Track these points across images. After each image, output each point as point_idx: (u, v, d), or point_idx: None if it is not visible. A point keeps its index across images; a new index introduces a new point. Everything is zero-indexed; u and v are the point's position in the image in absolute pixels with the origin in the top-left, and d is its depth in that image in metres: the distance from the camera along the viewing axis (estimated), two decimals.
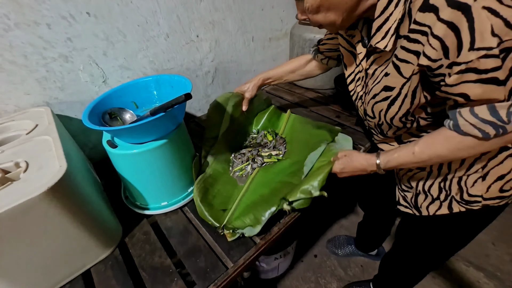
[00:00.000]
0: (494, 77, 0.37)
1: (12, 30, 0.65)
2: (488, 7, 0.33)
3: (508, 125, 0.40)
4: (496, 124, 0.41)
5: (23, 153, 0.55)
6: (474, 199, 0.55)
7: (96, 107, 0.61)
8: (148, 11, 0.83)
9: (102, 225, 0.58)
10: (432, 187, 0.60)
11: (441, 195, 0.59)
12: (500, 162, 0.51)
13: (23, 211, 0.43)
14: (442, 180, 0.58)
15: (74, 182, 0.51)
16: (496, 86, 0.37)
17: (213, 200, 0.68)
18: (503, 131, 0.41)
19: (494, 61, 0.35)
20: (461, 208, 0.57)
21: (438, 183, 0.59)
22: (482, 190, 0.54)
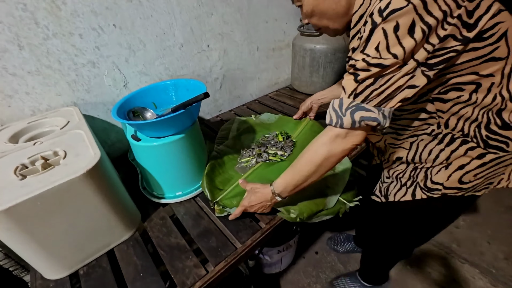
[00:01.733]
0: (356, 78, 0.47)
1: (50, 39, 0.75)
2: (384, 29, 0.42)
3: (345, 117, 0.50)
4: (338, 113, 0.51)
5: (60, 143, 0.63)
6: (436, 187, 0.60)
7: (122, 106, 0.70)
8: (166, 24, 0.94)
9: (125, 208, 0.66)
10: (404, 175, 0.67)
11: (408, 182, 0.66)
12: (462, 155, 0.56)
13: (66, 189, 0.51)
14: (413, 168, 0.64)
15: (105, 169, 0.59)
16: (353, 83, 0.48)
17: (216, 177, 0.79)
18: (341, 122, 0.50)
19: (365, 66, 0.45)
20: (423, 195, 0.63)
21: (409, 171, 0.65)
22: (444, 178, 0.59)
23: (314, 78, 1.30)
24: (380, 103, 0.48)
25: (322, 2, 0.53)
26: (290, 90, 1.45)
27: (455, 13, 0.41)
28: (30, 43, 0.72)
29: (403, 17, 0.41)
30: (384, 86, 0.46)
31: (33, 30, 0.71)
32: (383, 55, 0.43)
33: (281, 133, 0.97)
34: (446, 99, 0.52)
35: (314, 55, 1.23)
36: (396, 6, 0.41)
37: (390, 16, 0.41)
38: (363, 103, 0.48)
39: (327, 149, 0.55)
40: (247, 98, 1.38)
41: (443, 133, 0.57)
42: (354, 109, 0.49)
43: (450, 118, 0.54)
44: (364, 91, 0.47)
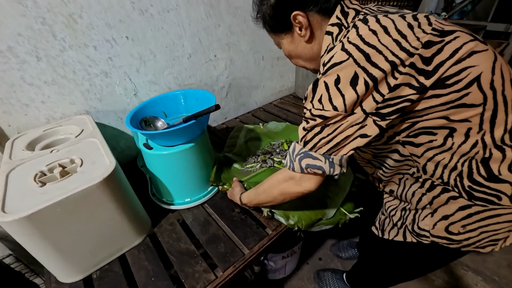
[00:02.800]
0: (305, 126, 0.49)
1: (66, 51, 0.78)
2: (325, 82, 0.44)
3: (295, 162, 0.52)
4: (291, 157, 0.53)
5: (76, 151, 0.66)
6: (423, 233, 0.57)
7: (135, 115, 0.73)
8: (175, 35, 0.97)
9: (137, 214, 0.68)
10: (395, 214, 0.65)
11: (398, 222, 0.64)
12: (444, 203, 0.52)
13: (83, 196, 0.54)
14: (403, 208, 0.63)
15: (120, 177, 0.62)
16: (302, 131, 0.50)
17: (221, 174, 0.86)
18: (292, 166, 0.53)
19: (310, 116, 0.47)
20: (413, 238, 0.60)
21: (400, 211, 0.63)
22: (429, 226, 0.55)
23: None
24: (329, 151, 0.48)
25: (295, 48, 0.56)
26: (294, 98, 1.47)
27: (407, 62, 0.40)
28: (47, 55, 0.76)
29: (343, 70, 0.42)
30: (331, 135, 0.47)
31: (50, 42, 0.75)
32: (325, 106, 0.45)
33: (286, 141, 1.00)
34: (417, 143, 0.49)
35: None
36: (337, 60, 0.42)
37: (330, 70, 0.43)
38: (312, 150, 0.50)
39: (281, 188, 0.59)
40: (252, 105, 1.41)
41: (423, 178, 0.54)
42: (302, 156, 0.51)
43: (427, 163, 0.51)
44: (313, 139, 0.49)
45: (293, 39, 0.55)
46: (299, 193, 0.56)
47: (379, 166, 0.61)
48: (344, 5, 0.49)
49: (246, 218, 0.73)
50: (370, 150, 0.59)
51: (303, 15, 0.49)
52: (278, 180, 0.59)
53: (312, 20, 0.50)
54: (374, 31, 0.42)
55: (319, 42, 0.53)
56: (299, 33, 0.52)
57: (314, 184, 0.54)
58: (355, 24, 0.44)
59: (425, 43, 0.40)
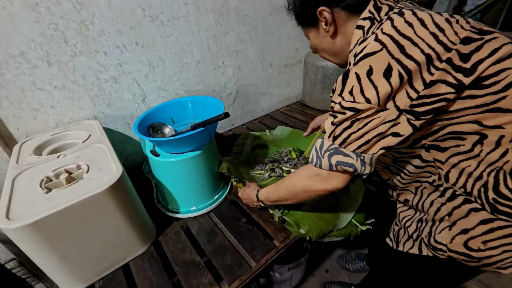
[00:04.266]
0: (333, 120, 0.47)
1: (77, 56, 0.79)
2: (357, 73, 0.42)
3: (323, 159, 0.49)
4: (318, 153, 0.51)
5: (83, 157, 0.65)
6: (440, 247, 0.54)
7: (143, 121, 0.73)
8: (185, 42, 0.98)
9: (142, 222, 0.67)
10: (411, 225, 0.62)
11: (414, 234, 0.61)
12: (464, 215, 0.49)
13: (89, 204, 0.53)
14: (419, 219, 0.59)
15: (126, 183, 0.61)
16: (330, 125, 0.48)
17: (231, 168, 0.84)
18: (319, 163, 0.50)
19: (340, 109, 0.45)
20: (429, 252, 0.57)
21: (416, 222, 0.60)
22: (447, 240, 0.52)
23: (325, 94, 1.32)
24: (360, 148, 0.46)
25: (320, 43, 0.57)
26: (301, 106, 1.46)
27: (444, 57, 0.38)
28: (58, 60, 0.76)
29: (376, 61, 0.40)
30: (362, 130, 0.44)
31: (62, 48, 0.76)
32: (356, 98, 0.42)
33: (294, 149, 0.98)
34: (443, 147, 0.47)
35: (326, 72, 1.25)
36: (369, 50, 0.41)
37: (362, 61, 0.41)
38: (341, 146, 0.47)
39: (306, 185, 0.56)
40: (259, 112, 1.40)
41: (444, 186, 0.52)
42: (332, 152, 0.48)
43: (451, 170, 0.49)
44: (342, 133, 0.46)
45: (318, 33, 0.55)
46: (325, 190, 0.54)
47: (397, 172, 0.60)
48: (378, 1, 0.48)
49: (253, 228, 0.71)
50: (391, 153, 0.57)
51: (328, 11, 0.49)
52: (301, 177, 0.57)
53: (337, 17, 0.50)
54: (410, 23, 0.40)
55: (343, 37, 0.53)
56: (324, 28, 0.52)
57: (342, 182, 0.51)
58: (390, 16, 0.43)
59: (464, 39, 0.38)
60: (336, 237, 0.72)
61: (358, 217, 0.75)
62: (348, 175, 0.51)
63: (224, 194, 0.82)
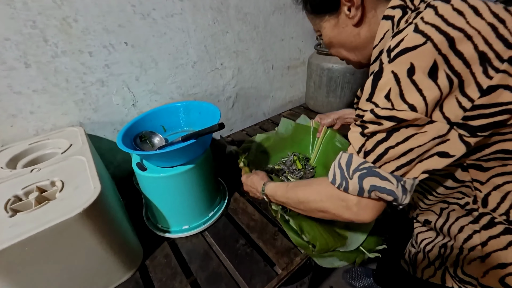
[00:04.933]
0: (365, 131, 0.38)
1: (59, 57, 0.71)
2: (394, 72, 0.33)
3: (351, 180, 0.39)
4: (343, 173, 0.41)
5: (59, 172, 0.57)
6: (469, 280, 0.47)
7: (130, 129, 0.65)
8: (180, 42, 0.90)
9: (127, 247, 0.59)
10: (432, 250, 0.54)
11: (436, 262, 0.53)
12: (503, 247, 0.42)
13: (59, 231, 0.45)
14: (443, 245, 0.51)
15: (106, 204, 0.53)
16: (360, 137, 0.39)
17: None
18: (345, 185, 0.40)
19: (373, 119, 0.36)
20: (455, 284, 0.50)
21: (438, 247, 0.52)
22: (478, 273, 0.45)
23: (331, 98, 1.23)
24: (399, 169, 0.37)
25: (339, 34, 0.47)
26: (305, 110, 1.38)
27: (505, 55, 0.30)
28: (37, 61, 0.69)
29: (419, 57, 0.32)
30: (403, 146, 0.35)
31: (41, 47, 0.68)
32: (395, 105, 0.34)
33: (298, 158, 0.90)
34: (486, 167, 0.40)
35: (332, 74, 1.17)
36: (409, 44, 0.32)
37: (401, 57, 0.33)
38: (376, 164, 0.38)
39: (325, 206, 0.46)
40: (260, 117, 1.32)
41: (479, 211, 0.44)
42: (365, 172, 0.38)
43: (491, 193, 0.41)
44: (375, 148, 0.37)
45: (338, 22, 0.46)
46: (349, 220, 0.44)
47: (422, 191, 0.51)
48: None
49: (252, 252, 0.63)
50: None
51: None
52: (320, 195, 0.47)
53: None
54: (461, 11, 0.31)
55: (369, 28, 0.43)
56: (347, 14, 0.43)
57: (374, 214, 0.41)
58: (430, 3, 0.34)
59: None
60: (339, 261, 0.63)
61: (368, 242, 0.67)
62: (382, 205, 0.41)
63: (220, 210, 0.74)
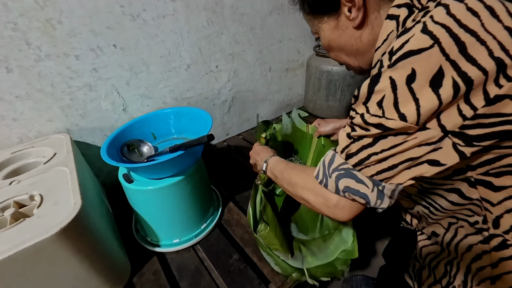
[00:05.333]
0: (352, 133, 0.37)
1: (42, 61, 0.67)
2: (392, 78, 0.31)
3: (330, 179, 0.39)
4: (325, 171, 0.41)
5: (39, 184, 0.54)
6: None
7: (116, 138, 0.61)
8: (172, 44, 0.86)
9: (112, 264, 0.55)
10: (438, 266, 0.51)
11: (443, 280, 0.49)
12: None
13: (33, 253, 0.41)
14: (448, 262, 0.48)
15: (88, 220, 0.49)
16: (346, 138, 0.38)
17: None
18: (325, 182, 0.40)
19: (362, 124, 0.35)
20: None
21: (444, 264, 0.49)
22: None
23: (330, 101, 1.20)
24: (379, 174, 0.35)
25: (339, 37, 0.44)
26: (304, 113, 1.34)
27: None
28: (20, 65, 0.65)
29: (423, 62, 0.29)
30: (387, 152, 0.34)
31: (24, 51, 0.64)
32: (387, 113, 0.32)
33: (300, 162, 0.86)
34: (498, 185, 0.36)
35: (331, 77, 1.14)
36: (414, 46, 0.29)
37: (402, 61, 0.29)
38: (356, 168, 0.37)
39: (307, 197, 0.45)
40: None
41: (489, 232, 0.41)
42: (343, 173, 0.38)
43: (503, 216, 0.38)
44: (359, 152, 0.36)
45: (338, 23, 0.43)
46: (326, 216, 0.45)
47: (427, 205, 0.48)
48: None
49: (245, 268, 0.60)
50: (419, 183, 0.45)
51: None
52: (305, 184, 0.46)
53: (368, 0, 0.38)
54: (475, 12, 0.28)
55: (371, 31, 0.40)
56: (347, 15, 0.40)
57: (348, 215, 0.40)
58: (441, 2, 0.30)
59: None
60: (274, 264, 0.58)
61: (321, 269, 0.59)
62: (359, 207, 0.40)
63: (213, 222, 0.70)
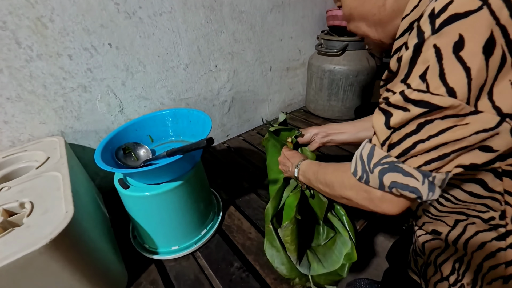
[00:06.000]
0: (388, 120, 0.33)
1: (34, 61, 0.64)
2: (437, 46, 0.27)
3: (371, 174, 0.36)
4: (364, 166, 0.38)
5: (30, 191, 0.51)
6: None
7: (111, 141, 0.58)
8: (170, 43, 0.83)
9: (107, 274, 0.52)
10: (445, 263, 0.48)
11: (451, 277, 0.47)
12: None
13: (20, 266, 0.38)
14: (457, 259, 0.46)
15: (80, 229, 0.46)
16: (385, 129, 0.34)
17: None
18: (366, 178, 0.38)
19: (401, 101, 0.31)
20: None
21: (452, 262, 0.47)
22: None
23: (332, 101, 1.17)
24: (428, 164, 0.31)
25: (361, 5, 0.41)
26: (305, 113, 1.32)
27: None
28: (9, 66, 0.62)
29: (472, 29, 0.25)
30: (436, 140, 0.29)
31: (13, 51, 0.61)
32: (431, 87, 0.28)
33: None
34: None
35: (334, 76, 1.11)
36: (460, 9, 0.25)
37: (448, 26, 0.26)
38: (400, 159, 0.33)
39: (348, 195, 0.43)
40: (258, 121, 1.25)
41: (507, 228, 0.38)
42: (387, 168, 0.34)
43: None
44: (402, 141, 0.32)
45: None
46: (372, 211, 0.41)
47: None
48: None
49: (248, 277, 0.57)
50: None
51: None
52: (343, 183, 0.44)
53: None
54: None
55: (394, 1, 0.37)
56: None
57: (397, 209, 0.37)
58: None
59: None
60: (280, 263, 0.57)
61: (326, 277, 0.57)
62: (407, 201, 0.36)
63: (214, 228, 0.68)
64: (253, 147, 1.06)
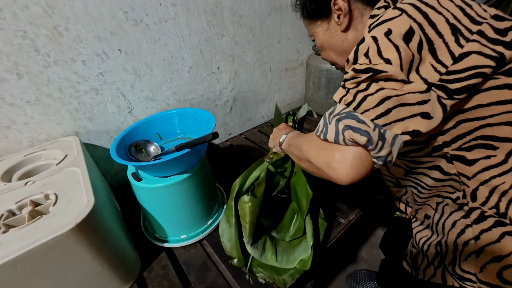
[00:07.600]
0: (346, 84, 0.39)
1: (51, 67, 0.70)
2: (373, 36, 0.36)
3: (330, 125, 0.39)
4: (325, 121, 0.41)
5: (53, 184, 0.56)
6: (468, 277, 0.45)
7: (124, 139, 0.64)
8: (174, 47, 0.88)
9: (123, 259, 0.58)
10: (429, 249, 0.52)
11: (435, 261, 0.51)
12: (496, 240, 0.41)
13: (50, 248, 0.44)
14: (438, 243, 0.50)
15: (100, 217, 0.51)
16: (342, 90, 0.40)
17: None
18: (325, 131, 0.40)
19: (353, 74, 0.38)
20: (455, 282, 0.48)
21: (434, 246, 0.51)
22: (476, 269, 0.44)
23: (330, 99, 1.22)
24: (379, 118, 0.35)
25: (330, 38, 0.51)
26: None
27: (474, 29, 0.34)
28: (29, 72, 0.68)
29: (396, 24, 0.36)
30: (382, 93, 0.35)
31: (33, 58, 0.67)
32: (373, 61, 0.36)
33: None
34: (470, 159, 0.40)
35: (331, 75, 1.16)
36: (387, 17, 0.37)
37: (380, 26, 0.37)
38: (356, 110, 0.37)
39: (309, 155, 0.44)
40: (259, 120, 1.30)
41: (469, 206, 0.43)
42: (344, 116, 0.37)
43: (479, 188, 0.41)
44: (356, 96, 0.37)
45: (329, 27, 0.50)
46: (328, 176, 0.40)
47: (413, 185, 0.52)
48: None
49: None
50: (405, 163, 0.48)
51: (345, 0, 0.45)
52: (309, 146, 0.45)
53: (353, 8, 0.46)
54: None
55: (355, 33, 0.47)
56: (336, 20, 0.48)
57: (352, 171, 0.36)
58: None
59: (495, 16, 0.35)
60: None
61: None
62: (360, 160, 0.36)
63: (219, 218, 0.73)
64: (254, 145, 1.11)
